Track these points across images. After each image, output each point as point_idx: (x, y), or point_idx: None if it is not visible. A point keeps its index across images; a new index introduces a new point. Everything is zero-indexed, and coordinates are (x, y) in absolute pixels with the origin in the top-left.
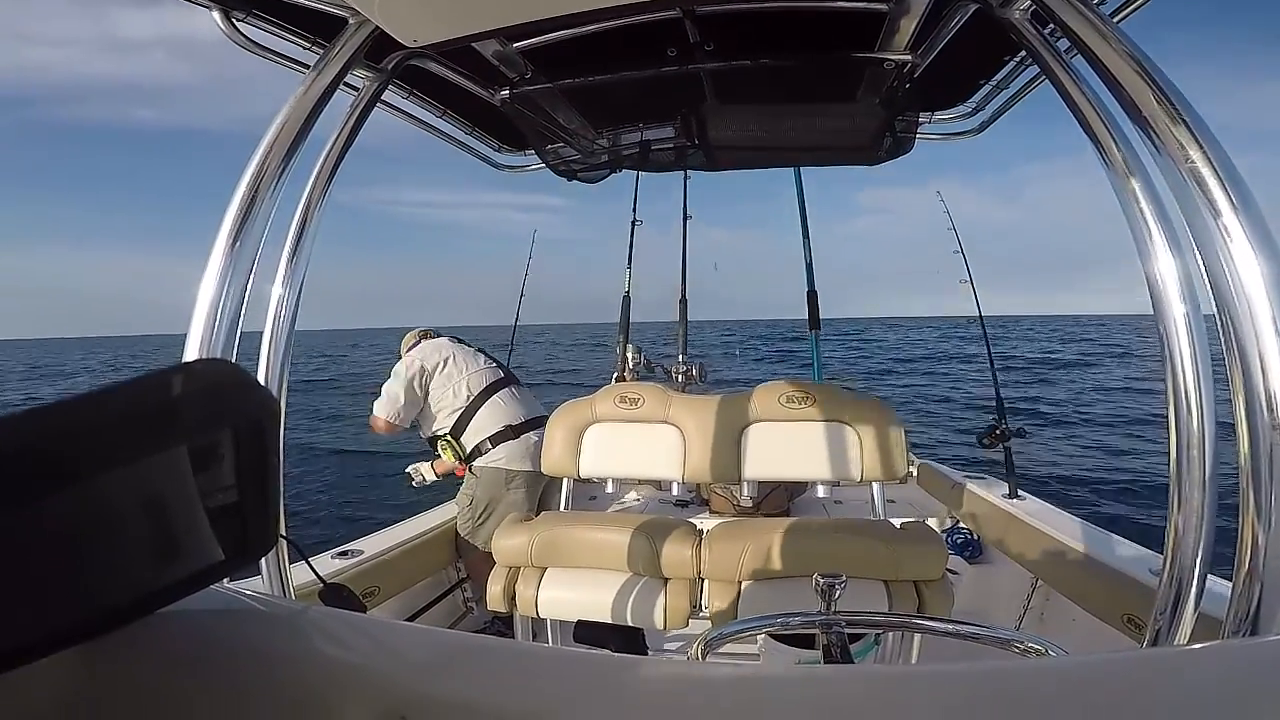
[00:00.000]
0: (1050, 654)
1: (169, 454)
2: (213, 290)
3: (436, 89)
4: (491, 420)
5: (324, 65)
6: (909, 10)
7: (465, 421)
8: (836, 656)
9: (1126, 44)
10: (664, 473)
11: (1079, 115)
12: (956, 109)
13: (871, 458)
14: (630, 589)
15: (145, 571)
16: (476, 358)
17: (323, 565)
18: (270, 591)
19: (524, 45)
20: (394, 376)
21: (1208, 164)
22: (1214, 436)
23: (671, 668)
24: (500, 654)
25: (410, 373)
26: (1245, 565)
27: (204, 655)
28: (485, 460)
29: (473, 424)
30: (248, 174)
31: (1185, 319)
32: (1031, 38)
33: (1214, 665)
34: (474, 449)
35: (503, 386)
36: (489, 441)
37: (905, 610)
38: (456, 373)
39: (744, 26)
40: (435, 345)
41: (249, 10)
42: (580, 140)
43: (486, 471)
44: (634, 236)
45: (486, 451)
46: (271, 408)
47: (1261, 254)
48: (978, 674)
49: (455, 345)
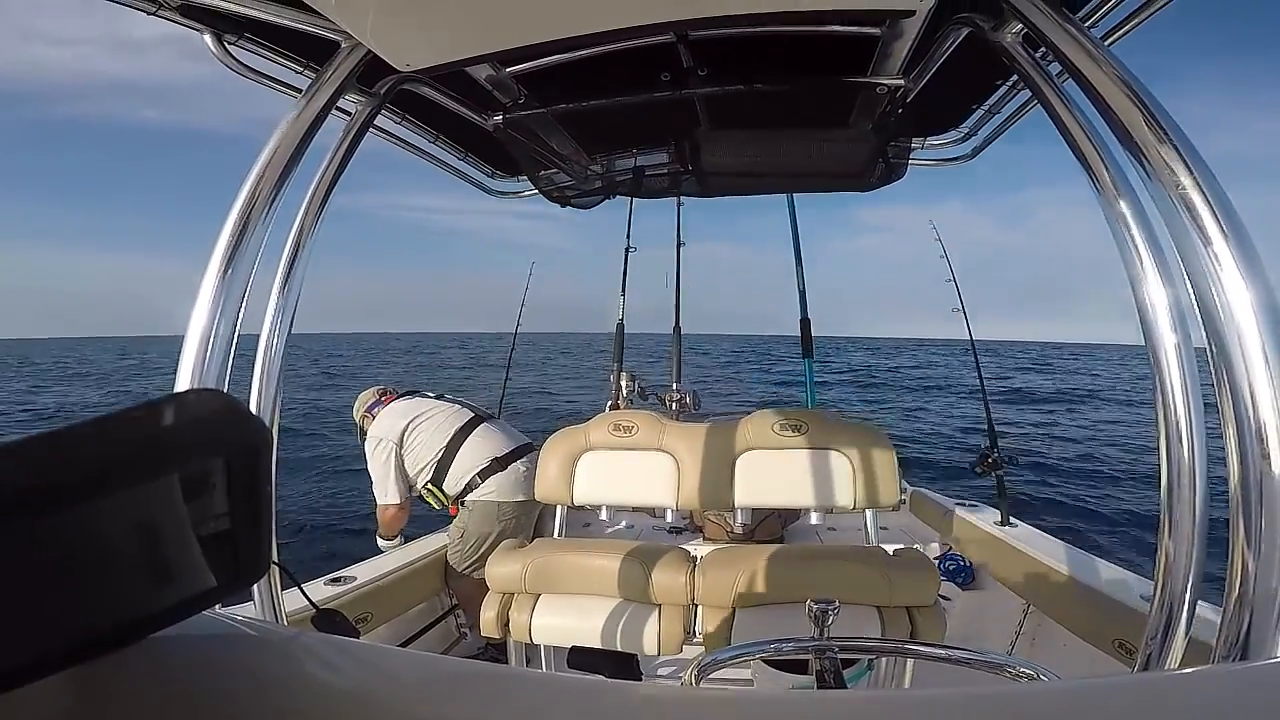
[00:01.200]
0: (1042, 678)
1: (161, 482)
2: (205, 318)
3: (429, 114)
4: (476, 456)
5: (316, 89)
6: (901, 34)
7: (445, 468)
8: (830, 682)
9: (1117, 68)
10: (658, 500)
11: (1070, 139)
12: (949, 134)
13: (864, 485)
14: (624, 615)
15: (137, 597)
16: (440, 406)
17: (315, 591)
18: (263, 617)
19: (517, 70)
20: (372, 461)
21: (1198, 190)
22: (1204, 463)
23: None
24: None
25: (385, 453)
26: (1235, 591)
27: (196, 681)
28: (477, 495)
29: (454, 467)
30: (240, 200)
31: (1175, 347)
32: (1023, 61)
33: (1204, 690)
34: (465, 486)
35: (478, 424)
36: (478, 477)
37: (898, 636)
38: (424, 429)
39: (737, 52)
40: (391, 416)
41: (240, 33)
42: (573, 166)
43: (479, 506)
44: (628, 263)
45: (477, 487)
46: (264, 437)
47: (1251, 281)
48: (970, 699)
49: (414, 401)
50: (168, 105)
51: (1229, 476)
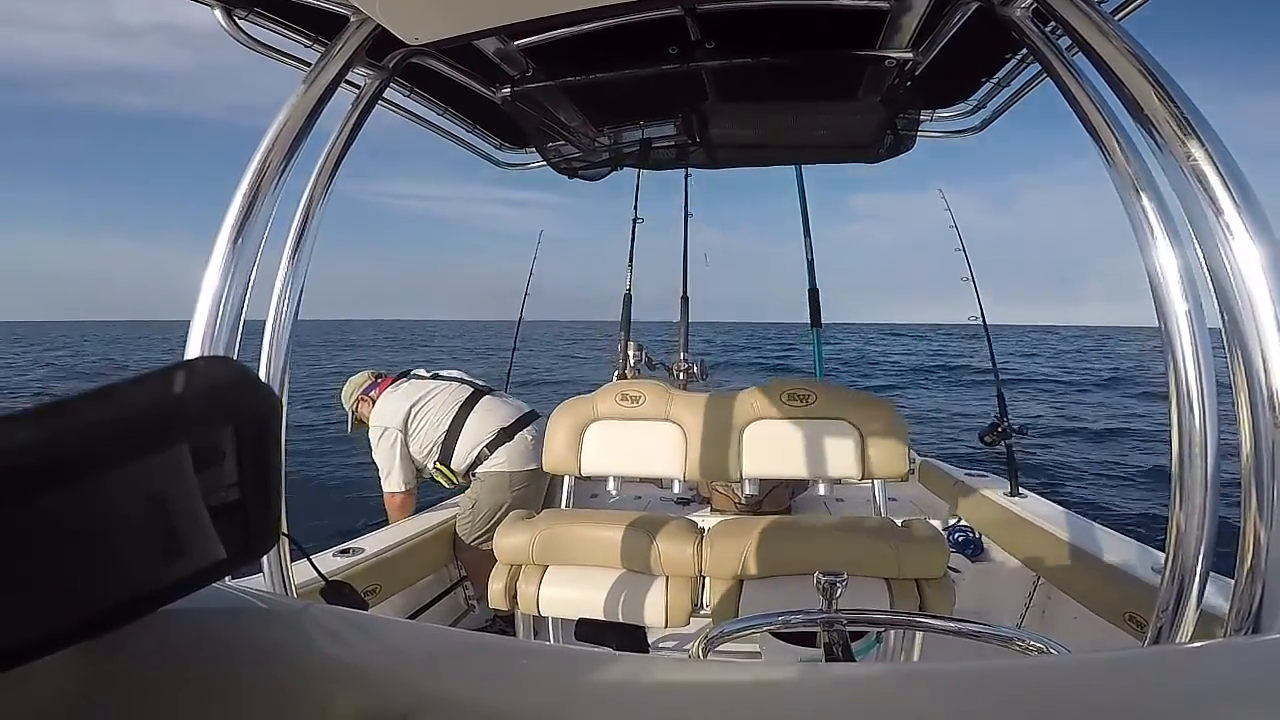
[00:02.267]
0: (1052, 652)
1: (171, 452)
2: (215, 287)
3: (438, 87)
4: (483, 429)
5: (325, 63)
6: (911, 7)
7: (451, 445)
8: (838, 654)
9: (1128, 41)
10: (665, 470)
11: (1080, 113)
12: (957, 107)
13: (873, 455)
14: (631, 587)
15: (147, 569)
16: (439, 385)
17: (324, 563)
18: (272, 589)
19: (525, 43)
20: (378, 449)
21: (1209, 161)
22: (1216, 434)
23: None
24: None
25: (390, 440)
26: (1247, 563)
27: (206, 653)
28: (488, 466)
29: (461, 443)
30: (249, 171)
31: (1187, 316)
32: (1033, 35)
33: (1216, 663)
34: (475, 459)
35: (479, 398)
36: (486, 449)
37: (907, 608)
38: (427, 411)
39: (745, 24)
40: (392, 401)
41: (251, 8)
42: (581, 138)
43: (490, 476)
44: (635, 234)
45: (486, 459)
46: (273, 405)
47: (1264, 251)
48: (979, 672)
49: (412, 384)
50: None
51: (1241, 447)
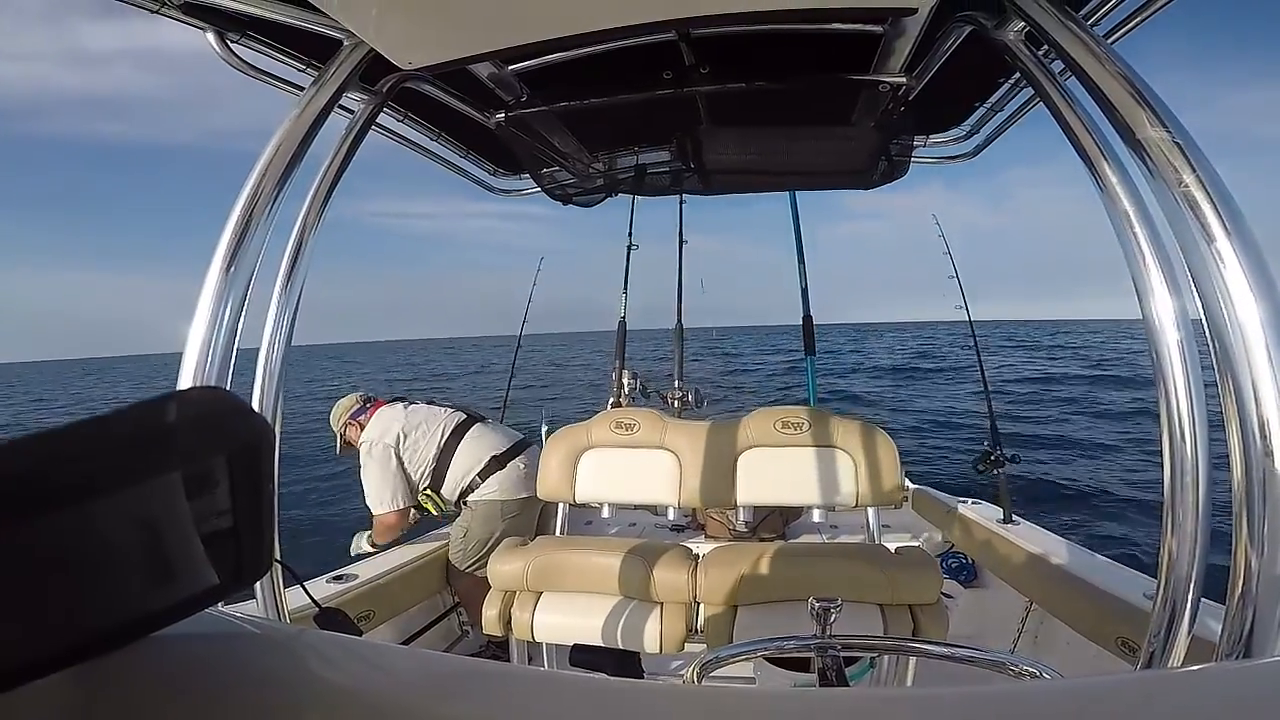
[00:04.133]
0: (1045, 677)
1: (163, 480)
2: (207, 315)
3: (431, 112)
4: (474, 456)
5: (319, 87)
6: (904, 32)
7: (442, 472)
8: (832, 680)
9: (1120, 65)
10: (660, 497)
11: (1072, 137)
12: (951, 132)
13: (866, 483)
14: (626, 613)
15: (140, 595)
16: (431, 410)
17: (317, 589)
18: (265, 615)
19: (519, 68)
20: (368, 467)
21: (1200, 187)
22: (1207, 461)
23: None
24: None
25: (383, 457)
26: (1239, 589)
27: (199, 679)
28: (479, 494)
29: (451, 470)
30: (242, 197)
31: (1179, 344)
32: (1026, 59)
33: (1208, 688)
34: (467, 486)
35: (470, 425)
36: (478, 476)
37: (900, 634)
38: (419, 435)
39: (739, 49)
40: (384, 421)
41: (243, 32)
42: (575, 164)
43: (481, 505)
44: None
45: (478, 487)
46: (266, 434)
47: (1254, 279)
48: (973, 697)
49: (404, 408)
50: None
51: (1232, 474)
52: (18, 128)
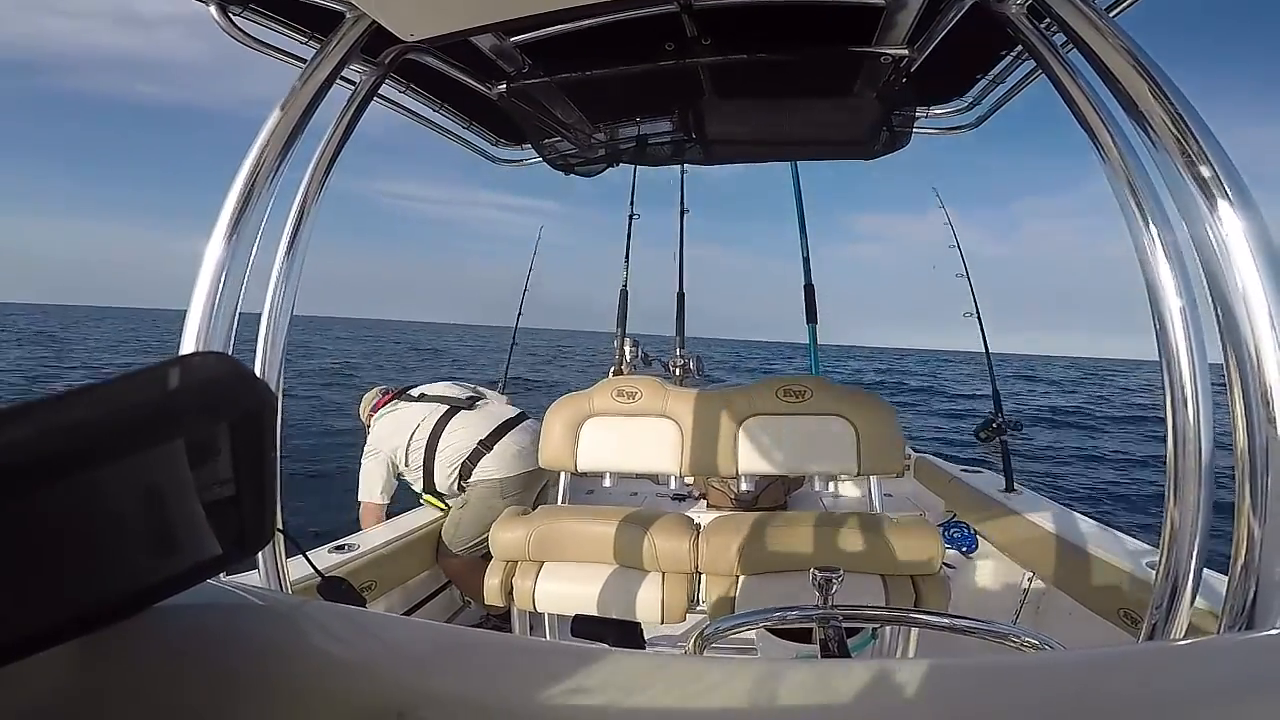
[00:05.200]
0: (1046, 648)
1: (165, 448)
2: (209, 283)
3: (433, 83)
4: (459, 446)
5: (321, 59)
6: (906, 4)
7: (429, 473)
8: (833, 650)
9: (1123, 39)
10: (661, 466)
11: (1075, 110)
12: (953, 103)
13: (868, 452)
14: (627, 583)
15: (142, 566)
16: (419, 409)
17: (319, 559)
18: (268, 585)
19: (521, 39)
20: (365, 455)
21: (1204, 159)
22: (1210, 431)
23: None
24: (498, 648)
25: (374, 459)
26: (1241, 560)
27: (202, 649)
28: (477, 476)
29: (438, 465)
30: (245, 167)
31: (1181, 313)
32: (1028, 32)
33: (1210, 659)
34: (457, 475)
35: (453, 415)
36: (469, 463)
37: (902, 604)
38: (413, 441)
39: (741, 20)
40: (382, 429)
41: (246, 4)
42: (577, 134)
43: (479, 485)
44: (631, 230)
45: (470, 471)
46: (268, 401)
47: (1257, 249)
48: (974, 668)
49: (400, 411)
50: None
51: (1235, 444)
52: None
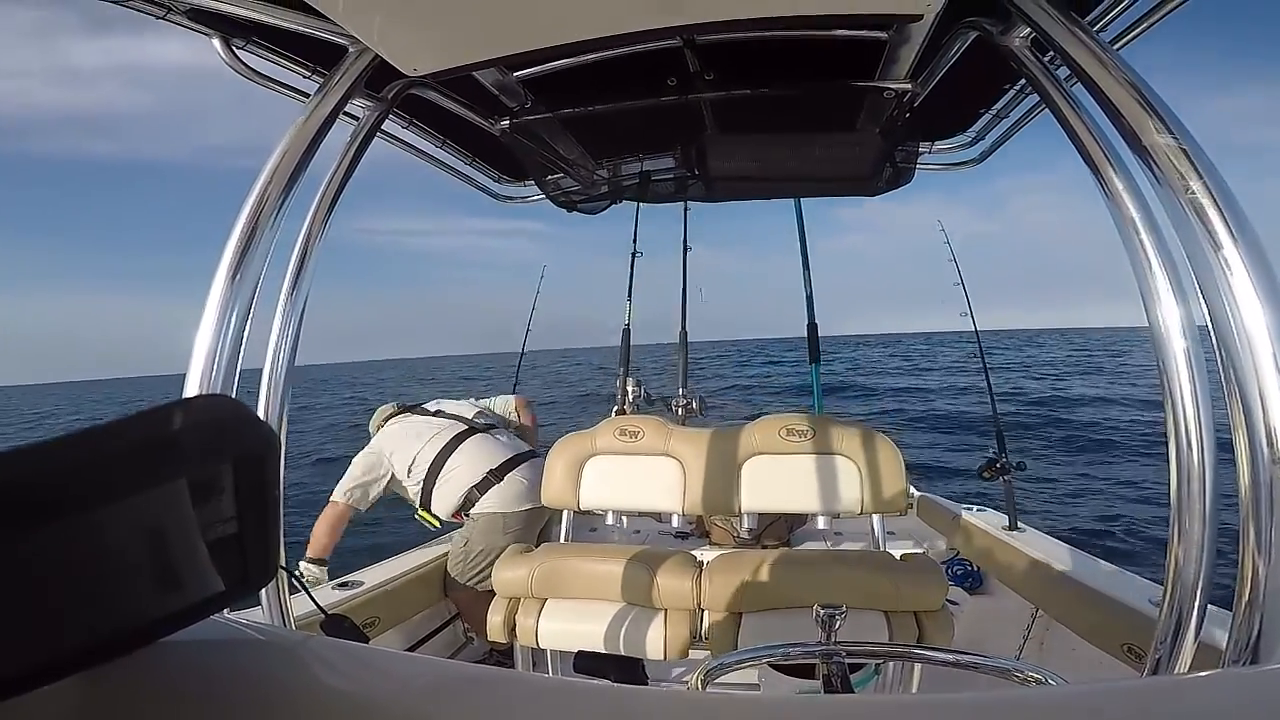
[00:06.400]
0: (1050, 683)
1: (169, 487)
2: (213, 324)
3: (436, 119)
4: (470, 471)
5: (324, 94)
6: (909, 39)
7: (430, 488)
8: (837, 687)
9: (1126, 72)
10: (664, 504)
11: (1078, 144)
12: (956, 138)
13: (871, 490)
14: (630, 619)
15: (146, 601)
16: (431, 424)
17: (322, 596)
18: (271, 622)
19: (524, 75)
20: (361, 454)
21: (1208, 195)
22: (1214, 469)
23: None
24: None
25: (370, 458)
26: (1245, 595)
27: (205, 685)
28: (480, 507)
29: (443, 485)
30: (248, 205)
31: (1185, 352)
32: (1031, 66)
33: (1214, 694)
34: (463, 502)
35: (468, 437)
36: (476, 490)
37: (905, 641)
38: (416, 447)
39: (744, 56)
40: (402, 428)
41: (249, 38)
42: (580, 171)
43: (483, 518)
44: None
45: (476, 501)
46: (271, 441)
47: (1261, 286)
48: (978, 703)
49: (418, 419)
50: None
51: (1238, 481)
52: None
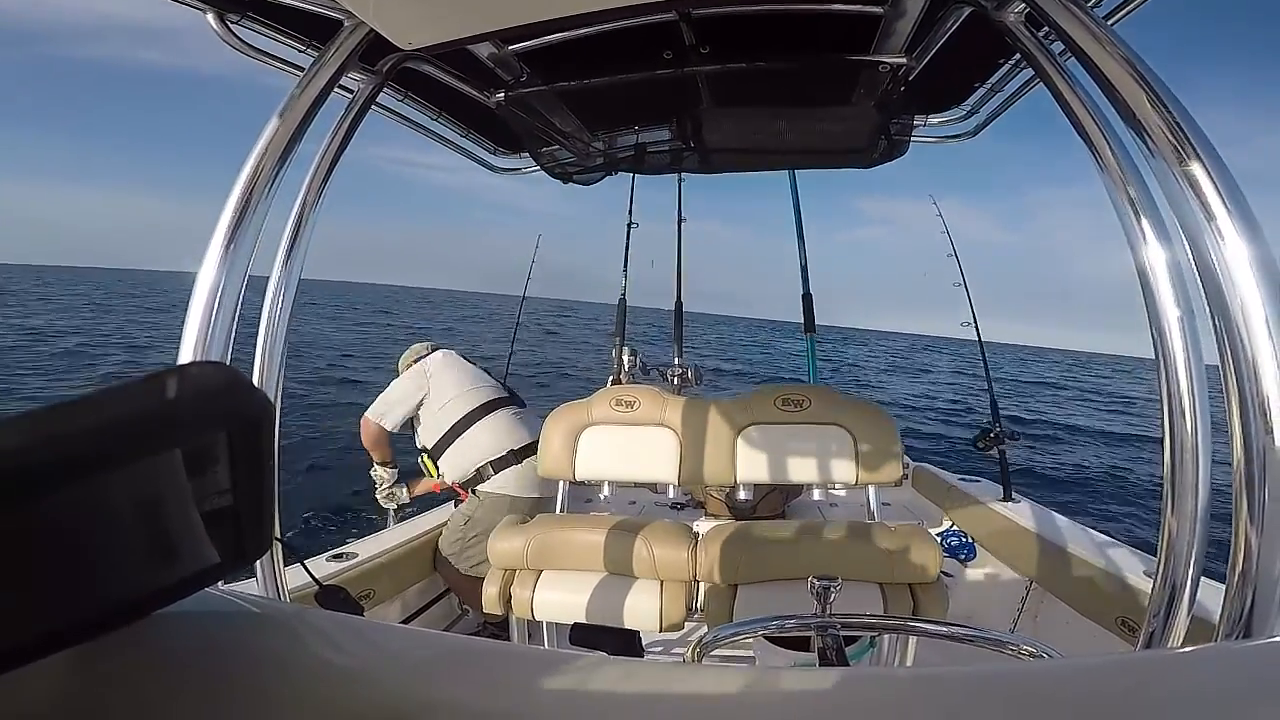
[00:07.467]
0: (1044, 656)
1: (163, 457)
2: (207, 292)
3: (432, 92)
4: (491, 445)
5: (319, 68)
6: (904, 13)
7: (447, 443)
8: (832, 659)
9: (1120, 47)
10: (660, 475)
11: (1073, 118)
12: (951, 112)
13: (866, 461)
14: (626, 591)
15: (140, 574)
16: (477, 376)
17: (317, 568)
18: (266, 594)
19: (519, 48)
20: (396, 382)
21: (1202, 168)
22: (1208, 440)
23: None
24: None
25: (410, 389)
26: (1239, 568)
27: (200, 657)
28: (490, 486)
29: (459, 450)
30: (243, 176)
31: (1179, 323)
32: (1026, 40)
33: (1208, 667)
34: (476, 473)
35: (500, 407)
36: (491, 467)
37: (900, 613)
38: (451, 389)
39: (740, 29)
40: (450, 362)
41: (243, 12)
42: (575, 143)
43: (490, 498)
44: (630, 239)
45: (489, 477)
46: (267, 410)
47: (1255, 258)
48: (972, 676)
49: (457, 361)
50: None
51: (1232, 453)
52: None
